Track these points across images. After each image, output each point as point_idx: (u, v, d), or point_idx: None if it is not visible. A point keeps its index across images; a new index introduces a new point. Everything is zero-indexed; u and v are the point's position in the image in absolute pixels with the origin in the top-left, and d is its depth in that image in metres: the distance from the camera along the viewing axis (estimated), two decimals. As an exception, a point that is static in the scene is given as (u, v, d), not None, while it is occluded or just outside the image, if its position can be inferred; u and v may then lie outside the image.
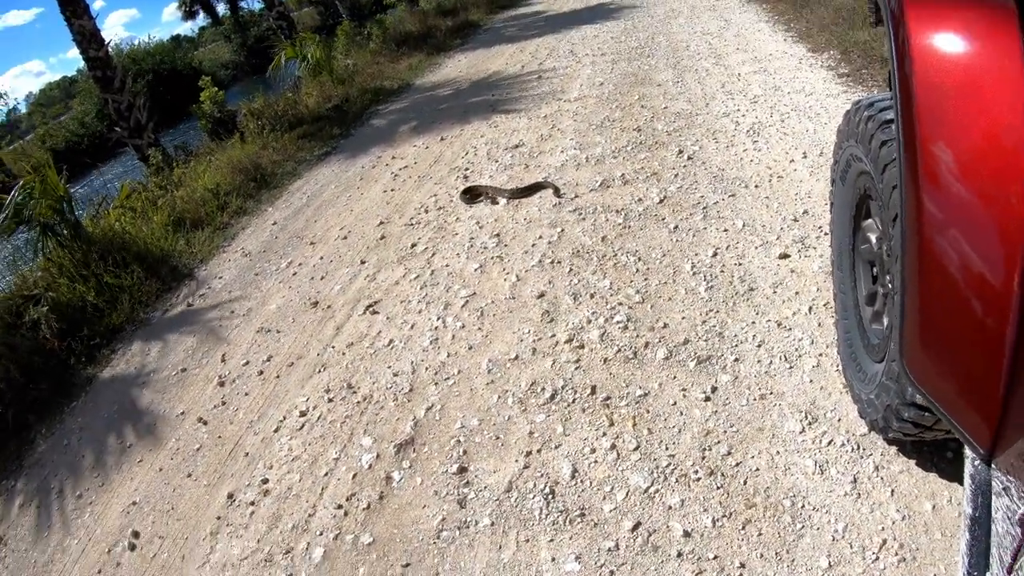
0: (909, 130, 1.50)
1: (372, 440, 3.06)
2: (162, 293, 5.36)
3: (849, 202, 2.57)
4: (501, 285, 4.01)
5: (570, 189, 5.10)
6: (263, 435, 3.34)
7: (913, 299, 1.55)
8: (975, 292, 1.34)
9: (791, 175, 4.50)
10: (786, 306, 3.26)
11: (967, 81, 1.39)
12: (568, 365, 3.20)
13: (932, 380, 1.55)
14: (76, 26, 9.65)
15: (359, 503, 2.75)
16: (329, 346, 3.89)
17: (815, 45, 7.49)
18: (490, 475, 2.72)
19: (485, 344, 3.51)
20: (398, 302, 4.14)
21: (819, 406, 2.66)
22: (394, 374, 3.47)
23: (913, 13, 1.55)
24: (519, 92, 8.62)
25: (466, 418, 3.04)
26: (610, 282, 3.76)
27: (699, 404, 2.80)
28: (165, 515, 3.05)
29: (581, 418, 2.88)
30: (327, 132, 9.01)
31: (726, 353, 3.04)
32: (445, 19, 17.28)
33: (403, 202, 5.77)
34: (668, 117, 6.22)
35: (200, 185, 7.23)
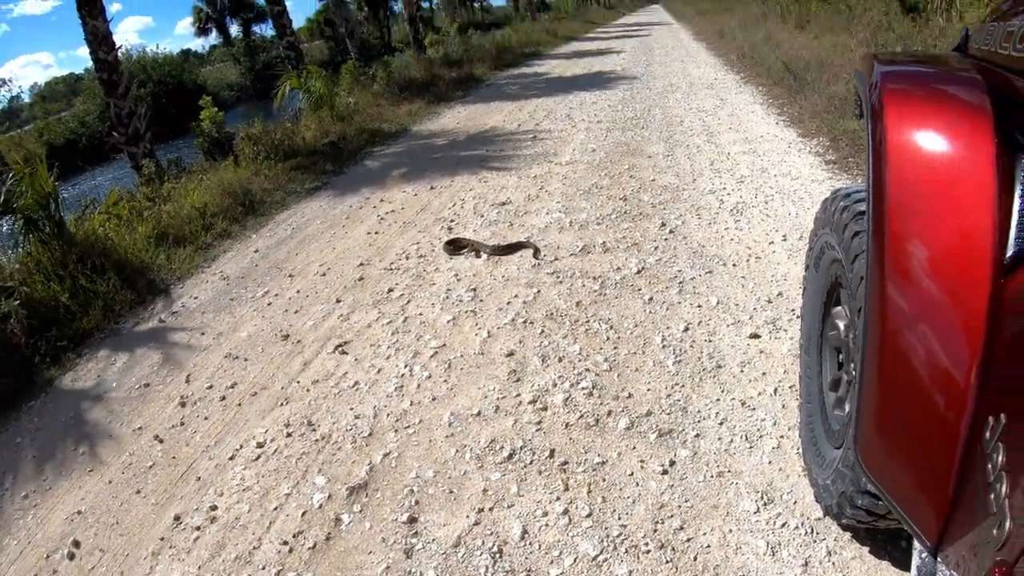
0: (879, 222, 1.54)
1: (326, 480, 3.02)
2: (136, 305, 5.33)
3: (820, 288, 2.61)
4: (472, 340, 4.00)
5: (551, 251, 5.13)
6: (217, 461, 3.29)
7: (871, 389, 1.57)
8: (932, 387, 1.37)
9: (769, 257, 4.56)
10: (752, 386, 3.27)
11: (940, 180, 1.43)
12: (529, 426, 3.19)
13: (884, 470, 1.57)
14: (90, 26, 9.76)
15: (305, 541, 2.71)
16: (295, 380, 3.87)
17: (806, 130, 7.67)
18: (440, 528, 2.69)
19: (449, 397, 3.50)
20: (368, 345, 4.12)
21: (776, 487, 2.66)
22: (355, 416, 3.44)
23: (892, 109, 1.61)
24: (512, 150, 8.73)
25: (422, 468, 3.01)
26: (580, 347, 3.77)
27: (656, 476, 2.79)
28: (109, 528, 2.98)
29: (537, 480, 2.86)
30: (320, 167, 9.07)
31: (688, 428, 3.04)
32: (450, 70, 17.55)
33: (385, 246, 5.78)
34: (655, 189, 6.31)
35: (188, 202, 7.23)
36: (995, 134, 1.39)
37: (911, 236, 1.46)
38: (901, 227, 1.48)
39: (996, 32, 1.84)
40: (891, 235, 1.50)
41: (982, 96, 1.51)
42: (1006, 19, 1.80)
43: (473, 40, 23.04)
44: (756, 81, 11.50)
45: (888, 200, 1.51)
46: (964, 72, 1.76)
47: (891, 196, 1.50)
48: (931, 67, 2.04)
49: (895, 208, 1.49)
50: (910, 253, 1.46)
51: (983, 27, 2.05)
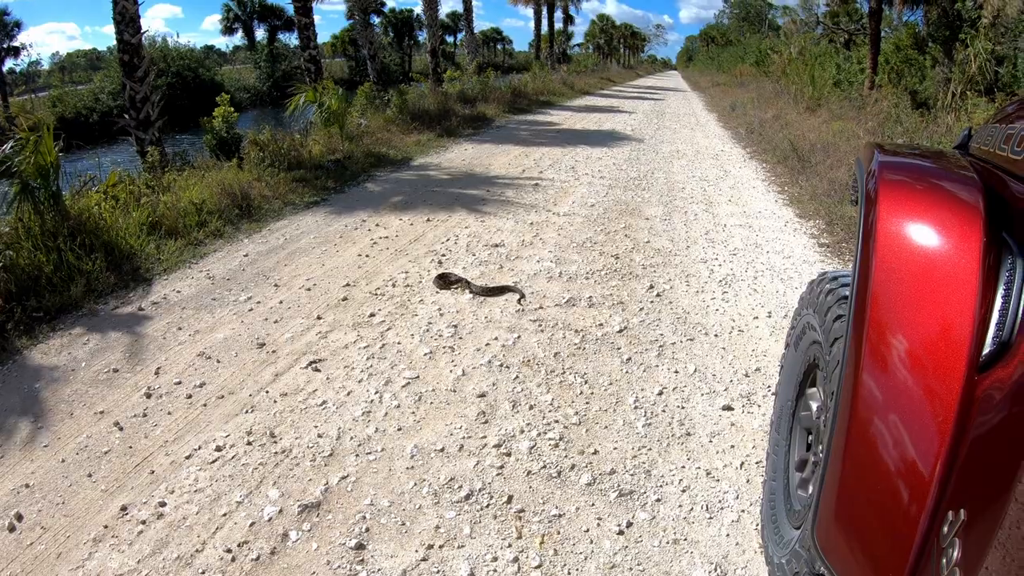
0: (861, 307, 1.55)
1: (279, 494, 2.98)
2: (118, 289, 5.30)
3: (798, 368, 2.61)
4: (446, 376, 3.98)
5: (536, 299, 5.14)
6: (174, 458, 3.24)
7: (835, 471, 1.56)
8: (896, 476, 1.37)
9: (752, 331, 4.58)
10: (719, 457, 3.26)
11: (926, 272, 1.45)
12: (491, 469, 3.16)
13: (840, 554, 1.54)
14: (120, 5, 9.85)
15: (249, 552, 2.66)
16: (263, 390, 3.83)
17: (803, 211, 7.76)
18: (387, 559, 2.65)
19: (415, 429, 3.47)
20: (342, 366, 4.10)
21: (731, 561, 2.64)
22: (319, 435, 3.41)
23: (886, 197, 1.62)
24: (513, 194, 8.79)
25: (377, 496, 2.98)
26: (552, 398, 3.75)
27: (611, 536, 2.76)
28: (54, 507, 2.92)
29: (491, 524, 2.83)
30: (322, 182, 9.10)
31: (649, 491, 3.02)
32: (463, 106, 17.72)
33: (374, 271, 5.78)
34: (648, 251, 6.35)
35: (186, 196, 7.22)
36: (984, 232, 1.42)
37: (891, 323, 1.47)
38: (882, 314, 1.49)
39: (997, 133, 1.86)
40: (872, 320, 1.50)
41: (976, 194, 1.55)
42: (1009, 122, 1.83)
43: (491, 81, 23.28)
44: (761, 157, 11.66)
45: (872, 286, 1.51)
46: (961, 169, 1.80)
47: (876, 282, 1.51)
48: (929, 161, 2.06)
49: (878, 294, 1.50)
50: (889, 340, 1.46)
51: (986, 127, 2.09)
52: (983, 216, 1.46)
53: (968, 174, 1.71)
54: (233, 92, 30.39)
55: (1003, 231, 1.45)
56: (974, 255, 1.39)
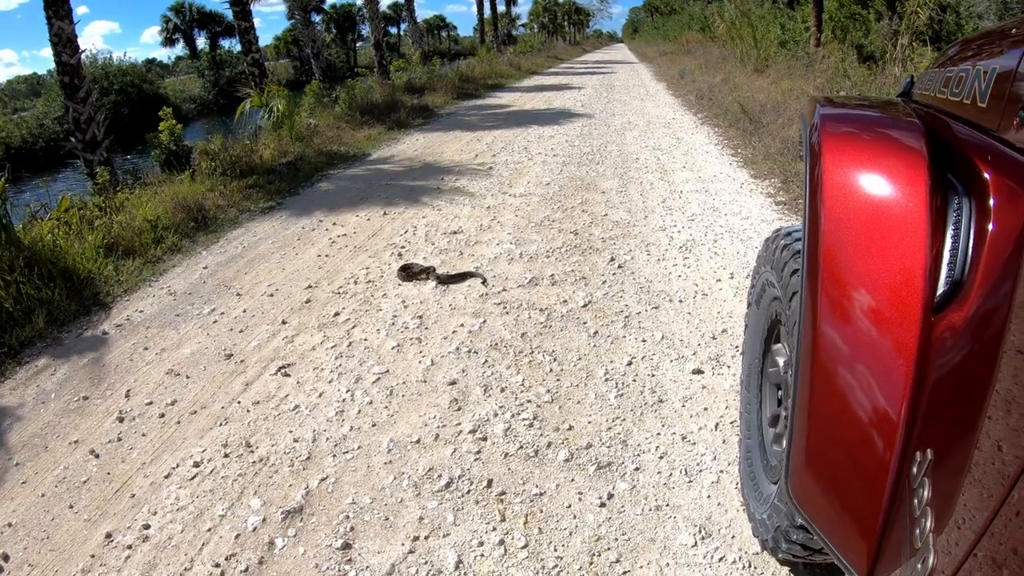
0: (814, 259, 1.56)
1: (261, 503, 2.96)
2: (80, 315, 5.18)
3: (761, 326, 2.64)
4: (415, 367, 3.97)
5: (499, 282, 5.14)
6: (153, 479, 3.20)
7: (802, 423, 1.58)
8: (862, 422, 1.39)
9: (715, 294, 4.61)
10: (693, 421, 3.29)
11: (875, 219, 1.46)
12: (468, 455, 3.17)
13: (815, 505, 1.57)
14: (55, 27, 9.62)
15: (238, 564, 2.64)
16: (235, 401, 3.79)
17: (758, 172, 7.83)
18: (374, 555, 2.64)
19: (390, 423, 3.46)
20: (311, 368, 4.07)
21: (714, 522, 2.66)
22: (294, 439, 3.39)
23: (830, 149, 1.64)
24: (467, 180, 8.76)
25: (359, 494, 2.97)
26: (523, 378, 3.76)
27: (593, 509, 2.78)
28: (39, 543, 2.86)
29: (474, 510, 2.84)
30: (276, 186, 8.99)
31: (627, 461, 3.04)
32: (412, 96, 17.60)
33: (335, 270, 5.74)
34: (606, 224, 6.37)
35: (141, 214, 7.09)
36: (929, 175, 1.43)
37: (845, 273, 1.48)
38: (835, 264, 1.50)
39: (938, 77, 1.90)
40: (825, 272, 1.51)
41: (919, 138, 1.56)
42: (948, 65, 1.85)
43: (437, 69, 23.13)
44: (713, 122, 11.72)
45: (823, 238, 1.53)
46: (903, 115, 1.81)
47: (826, 234, 1.53)
48: (870, 110, 2.08)
49: (830, 246, 1.51)
50: (843, 289, 1.48)
51: (927, 73, 2.11)
52: (927, 159, 1.47)
53: (910, 120, 1.71)
54: (179, 103, 29.93)
55: (948, 173, 1.47)
56: (921, 199, 1.40)
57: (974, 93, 1.54)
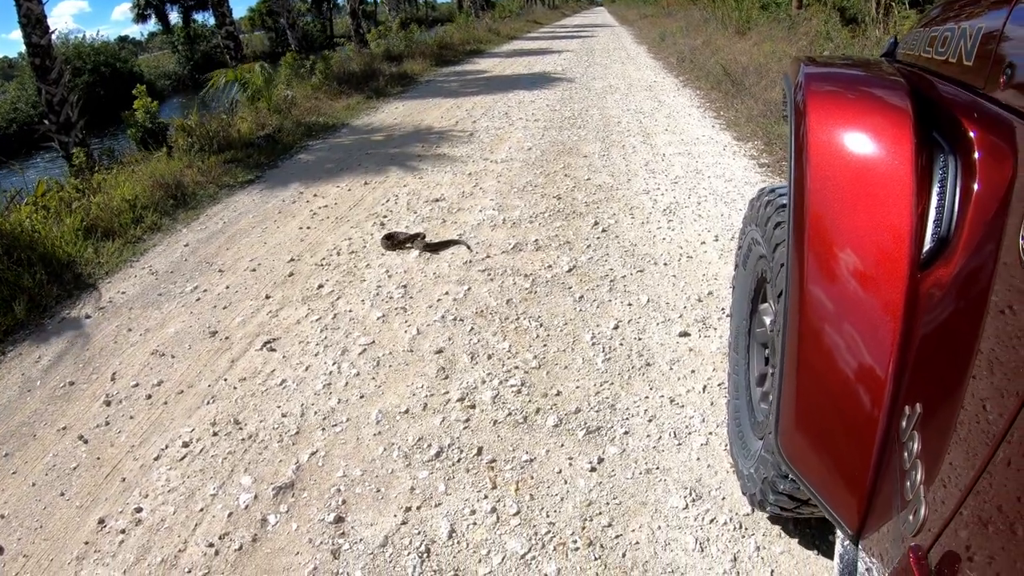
0: (799, 218, 1.57)
1: (252, 480, 2.95)
2: (62, 299, 5.12)
3: (748, 286, 2.64)
4: (401, 337, 3.96)
5: (483, 249, 5.12)
6: (143, 462, 3.18)
7: (791, 378, 1.59)
8: (851, 377, 1.41)
9: (700, 256, 4.61)
10: (681, 383, 3.29)
11: (860, 178, 1.46)
12: (457, 424, 3.16)
13: (804, 460, 1.58)
14: (24, 8, 9.46)
15: (232, 543, 2.63)
16: (222, 378, 3.77)
17: (741, 134, 7.79)
18: (367, 528, 2.64)
19: (377, 394, 3.45)
20: (297, 342, 4.05)
21: (704, 484, 2.67)
22: (283, 415, 3.37)
23: (814, 108, 1.63)
24: (449, 147, 8.69)
25: (349, 467, 2.96)
26: (509, 345, 3.76)
27: (584, 474, 2.78)
28: (33, 533, 2.84)
29: (464, 478, 2.84)
30: (254, 160, 8.89)
31: (616, 425, 3.05)
32: (390, 64, 17.43)
33: (317, 242, 5.69)
34: (589, 188, 6.34)
35: (118, 194, 7.00)
36: (914, 133, 1.43)
37: (831, 231, 1.49)
38: (821, 223, 1.51)
39: (922, 37, 1.88)
40: (811, 231, 1.52)
41: (903, 97, 1.56)
42: (932, 25, 1.84)
43: (415, 36, 22.86)
44: (695, 85, 11.66)
45: (808, 196, 1.53)
46: (887, 74, 1.81)
47: (811, 192, 1.53)
48: (855, 69, 2.08)
49: (815, 204, 1.52)
50: (829, 248, 1.49)
51: (911, 33, 2.10)
52: (912, 118, 1.47)
53: (895, 78, 1.71)
54: (154, 80, 29.47)
55: (933, 131, 1.46)
56: (906, 156, 1.41)
57: (960, 52, 1.53)
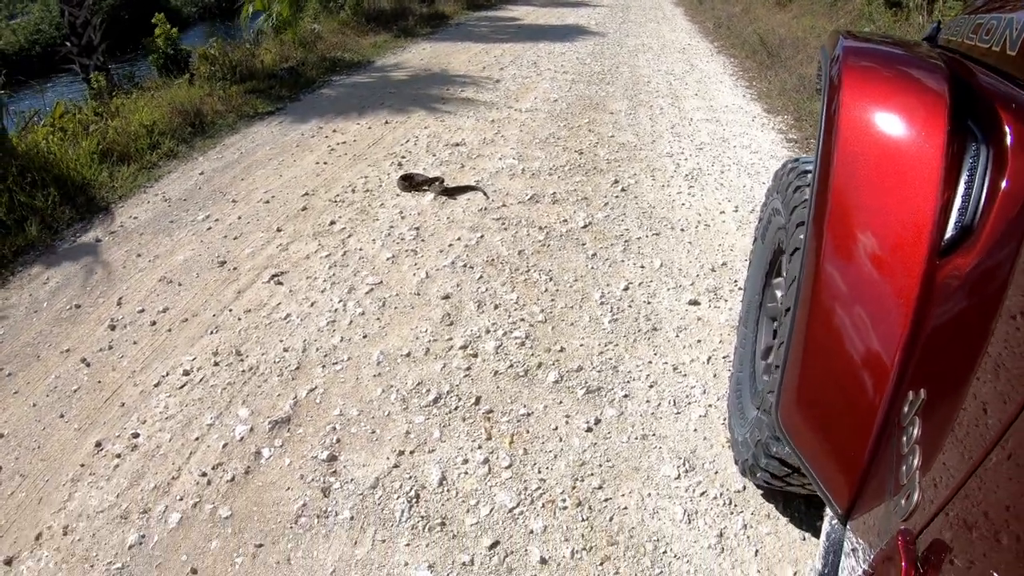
0: (822, 193, 1.54)
1: (249, 412, 2.95)
2: (73, 222, 5.08)
3: (764, 259, 2.61)
4: (409, 279, 3.93)
5: (499, 197, 5.06)
6: (143, 388, 3.18)
7: (798, 351, 1.58)
8: (858, 357, 1.40)
9: (718, 225, 4.54)
10: (686, 352, 3.26)
11: (889, 157, 1.44)
12: (458, 371, 3.14)
13: (802, 434, 1.58)
14: (50, -73, 9.25)
15: (224, 474, 2.64)
16: (227, 309, 3.76)
17: (771, 106, 7.64)
18: (359, 468, 2.64)
19: (380, 335, 3.43)
20: (304, 277, 4.02)
21: (699, 456, 2.66)
22: (284, 349, 3.36)
23: (850, 83, 1.60)
24: (473, 92, 8.56)
25: (346, 406, 2.96)
26: (517, 296, 3.73)
27: (580, 433, 2.77)
28: (31, 453, 2.86)
29: (460, 427, 2.83)
30: (276, 92, 8.75)
31: (616, 388, 3.02)
32: (421, 4, 17.12)
33: (333, 178, 5.64)
34: (612, 146, 6.25)
35: (136, 119, 6.89)
36: (949, 119, 1.40)
37: (853, 208, 1.47)
38: (844, 199, 1.48)
39: (967, 23, 1.84)
40: (833, 206, 1.50)
41: (941, 81, 1.52)
42: (979, 12, 1.79)
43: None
44: (729, 52, 11.43)
45: (834, 171, 1.50)
46: (927, 57, 1.77)
47: (837, 167, 1.50)
48: (895, 48, 2.02)
49: (840, 180, 1.49)
50: (850, 226, 1.47)
51: (956, 19, 2.05)
52: (948, 103, 1.43)
53: (935, 62, 1.67)
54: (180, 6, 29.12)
55: (968, 119, 1.43)
56: (938, 141, 1.38)
57: (1004, 42, 1.49)
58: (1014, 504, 0.82)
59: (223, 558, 2.33)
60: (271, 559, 2.31)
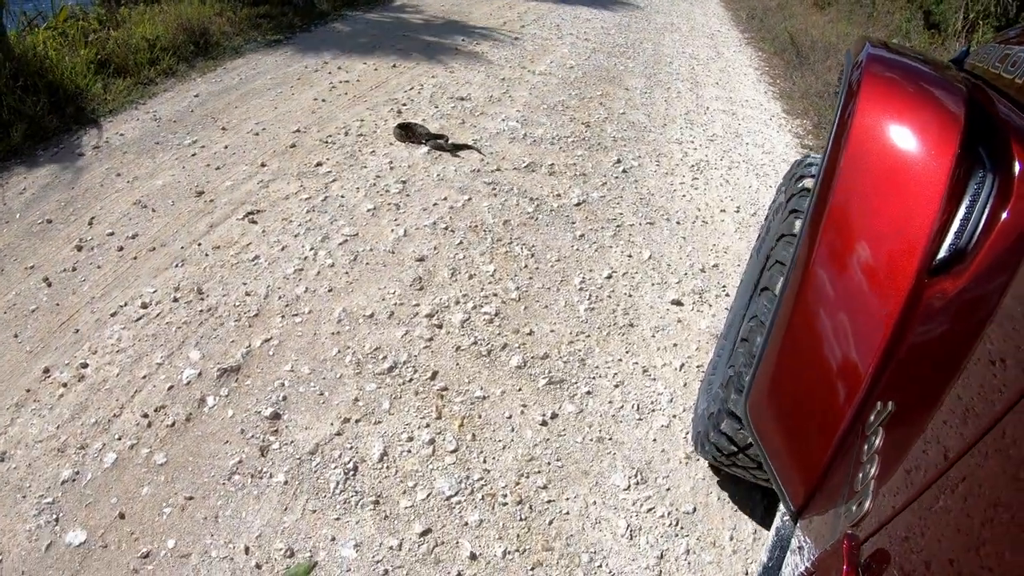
0: (823, 195, 1.56)
1: (200, 356, 2.84)
2: (60, 132, 4.89)
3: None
4: (386, 235, 3.77)
5: (495, 161, 4.87)
6: (99, 316, 3.07)
7: (774, 347, 1.62)
8: (832, 363, 1.43)
9: (716, 224, 4.37)
10: (659, 355, 3.13)
11: (893, 171, 1.45)
12: (419, 341, 3.01)
13: (767, 427, 1.62)
14: None
15: (166, 418, 2.55)
16: (196, 242, 3.62)
17: (792, 108, 7.41)
18: (301, 431, 2.54)
19: (346, 291, 3.29)
20: (280, 218, 3.87)
21: (654, 468, 2.55)
22: (247, 293, 3.23)
23: (868, 91, 1.61)
24: (489, 46, 8.30)
25: (299, 363, 2.84)
26: (495, 268, 3.58)
27: (533, 426, 2.65)
28: None
29: (411, 401, 2.71)
30: (288, 20, 8.48)
31: (581, 383, 2.90)
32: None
33: (328, 117, 5.44)
34: (622, 124, 6.03)
35: (139, 32, 6.65)
36: (960, 142, 1.41)
37: (850, 216, 1.49)
38: (843, 205, 1.51)
39: (995, 52, 1.89)
40: (832, 210, 1.52)
41: (959, 103, 1.53)
42: (1009, 43, 1.85)
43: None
44: (758, 45, 11.16)
45: (838, 175, 1.52)
46: (950, 78, 1.77)
47: (842, 171, 1.52)
48: (919, 64, 1.97)
49: (842, 185, 1.51)
50: (845, 233, 1.50)
51: (985, 46, 2.09)
52: (962, 126, 1.44)
53: (956, 84, 1.68)
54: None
55: (979, 145, 1.44)
56: (946, 162, 1.39)
57: None
58: (960, 527, 0.84)
59: (152, 507, 2.25)
60: (199, 514, 2.24)
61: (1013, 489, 0.79)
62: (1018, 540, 0.74)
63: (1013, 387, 0.88)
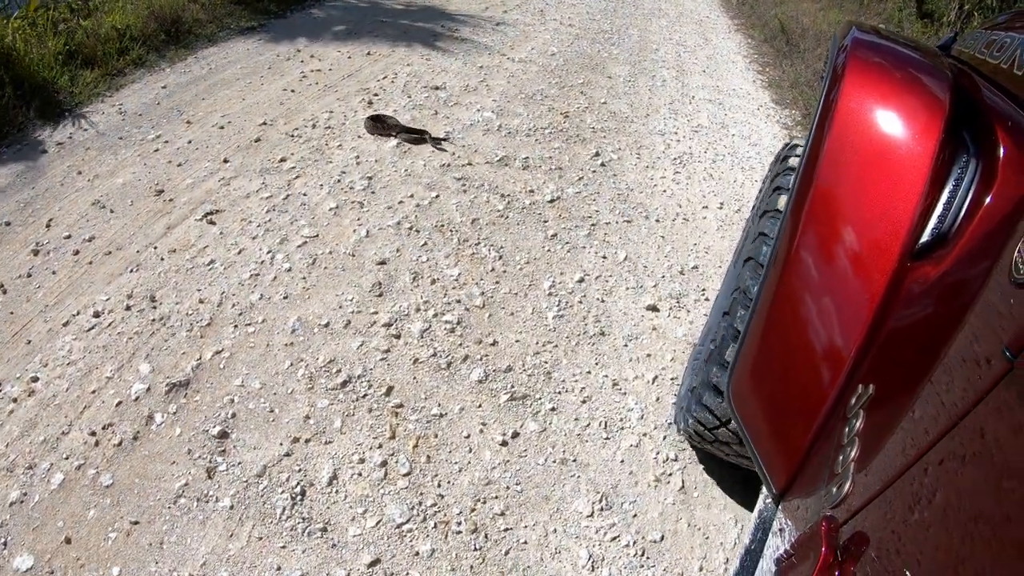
0: (806, 182, 1.56)
1: (150, 369, 2.71)
2: (24, 127, 4.70)
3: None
4: (348, 236, 3.61)
5: (466, 154, 4.69)
6: (52, 325, 2.94)
7: (757, 329, 1.62)
8: (815, 346, 1.45)
9: (698, 221, 4.21)
10: (631, 366, 2.98)
11: (877, 155, 1.47)
12: (375, 353, 2.87)
13: (750, 409, 1.62)
14: None
15: (113, 437, 2.44)
16: (152, 245, 3.47)
17: (781, 98, 7.24)
18: (249, 451, 2.42)
19: (302, 298, 3.14)
20: (239, 219, 3.71)
21: (620, 493, 2.42)
22: (200, 300, 3.09)
23: (853, 74, 1.63)
24: (468, 32, 8.09)
25: (249, 377, 2.71)
26: (459, 272, 3.42)
27: (493, 447, 2.51)
28: None
29: (364, 419, 2.57)
30: (263, 6, 8.23)
31: (545, 398, 2.76)
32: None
33: (296, 108, 5.25)
34: (602, 114, 5.85)
35: (109, 21, 6.44)
36: (944, 126, 1.43)
37: (834, 200, 1.51)
38: (826, 189, 1.52)
39: (981, 38, 1.90)
40: (815, 194, 1.53)
41: (944, 88, 1.55)
42: (995, 29, 1.86)
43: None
44: (747, 32, 10.98)
45: (822, 159, 1.53)
46: (935, 63, 1.78)
47: (826, 155, 1.53)
48: (905, 48, 1.97)
49: (825, 169, 1.52)
50: (828, 217, 1.50)
51: (973, 32, 2.10)
52: (947, 111, 1.46)
53: (941, 69, 1.70)
54: None
55: (964, 130, 1.47)
56: (930, 146, 1.41)
57: (1013, 60, 1.56)
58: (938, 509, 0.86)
59: (98, 531, 2.16)
60: (144, 540, 2.14)
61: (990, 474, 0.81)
62: (994, 520, 0.76)
63: (991, 372, 0.89)
